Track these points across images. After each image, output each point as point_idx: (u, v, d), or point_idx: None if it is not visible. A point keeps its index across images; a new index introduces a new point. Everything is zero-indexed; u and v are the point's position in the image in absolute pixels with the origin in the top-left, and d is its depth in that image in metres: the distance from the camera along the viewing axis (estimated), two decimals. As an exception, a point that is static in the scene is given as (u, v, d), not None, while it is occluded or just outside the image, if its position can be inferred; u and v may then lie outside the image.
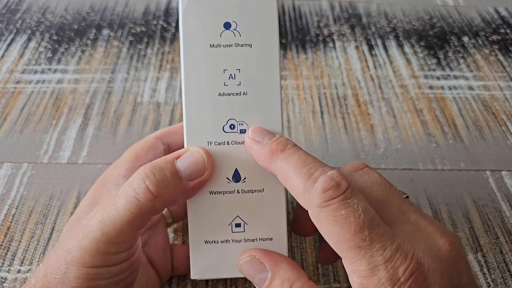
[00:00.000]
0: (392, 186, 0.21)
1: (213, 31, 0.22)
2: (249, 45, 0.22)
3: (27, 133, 0.38)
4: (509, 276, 0.30)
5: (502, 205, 0.35)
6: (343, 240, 0.18)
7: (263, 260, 0.21)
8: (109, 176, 0.25)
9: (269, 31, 0.22)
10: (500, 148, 0.39)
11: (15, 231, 0.31)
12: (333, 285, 0.29)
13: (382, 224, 0.18)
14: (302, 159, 0.20)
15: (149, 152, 0.27)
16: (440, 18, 0.55)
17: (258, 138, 0.21)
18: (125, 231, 0.20)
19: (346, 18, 0.54)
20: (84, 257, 0.20)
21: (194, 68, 0.22)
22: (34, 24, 0.50)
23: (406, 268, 0.17)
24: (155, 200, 0.20)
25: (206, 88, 0.22)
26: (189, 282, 0.29)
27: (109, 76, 0.44)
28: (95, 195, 0.25)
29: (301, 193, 0.19)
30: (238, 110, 0.22)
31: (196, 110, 0.22)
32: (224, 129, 0.22)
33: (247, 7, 0.22)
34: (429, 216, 0.21)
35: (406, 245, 0.18)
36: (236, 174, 0.22)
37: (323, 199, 0.18)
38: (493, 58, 0.49)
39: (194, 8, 0.22)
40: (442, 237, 0.19)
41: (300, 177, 0.19)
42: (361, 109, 0.42)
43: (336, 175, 0.19)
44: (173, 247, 0.29)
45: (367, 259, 0.18)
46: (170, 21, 0.51)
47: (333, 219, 0.18)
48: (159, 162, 0.21)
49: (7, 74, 0.43)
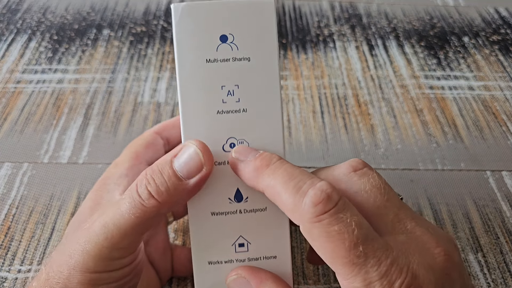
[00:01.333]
0: (391, 190, 0.21)
1: (209, 45, 0.21)
2: (247, 59, 0.21)
3: (28, 133, 0.38)
4: (509, 276, 0.30)
5: (502, 205, 0.35)
6: (337, 257, 0.17)
7: (248, 278, 0.21)
8: (109, 176, 0.25)
9: (268, 43, 0.21)
10: (500, 148, 0.39)
11: (16, 231, 0.31)
12: (333, 285, 0.29)
13: (376, 237, 0.18)
14: (289, 173, 0.19)
15: (148, 148, 0.26)
16: (440, 18, 0.55)
17: (241, 157, 0.20)
18: (129, 235, 0.20)
19: (347, 18, 0.54)
20: (87, 262, 0.20)
21: (191, 85, 0.21)
22: (35, 24, 0.50)
23: (402, 282, 0.17)
24: (160, 205, 0.20)
25: (204, 106, 0.21)
26: (189, 283, 0.29)
27: (110, 76, 0.44)
28: (96, 196, 0.24)
29: (290, 209, 0.18)
30: (238, 128, 0.21)
31: (195, 130, 0.21)
32: (224, 148, 0.21)
33: (244, 18, 0.21)
34: (427, 222, 0.20)
35: (401, 258, 0.18)
36: (238, 194, 0.22)
37: (314, 213, 0.17)
38: (493, 58, 0.49)
39: (188, 20, 0.21)
40: (437, 246, 0.19)
41: (288, 192, 0.18)
42: (362, 109, 0.42)
43: (325, 186, 0.18)
44: (174, 248, 0.28)
45: (362, 275, 0.17)
46: (171, 21, 0.51)
47: (326, 235, 0.17)
48: (157, 164, 0.20)
49: (8, 74, 0.43)
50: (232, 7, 0.21)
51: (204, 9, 0.21)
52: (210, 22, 0.21)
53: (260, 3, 0.21)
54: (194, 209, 0.21)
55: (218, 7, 0.21)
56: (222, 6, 0.21)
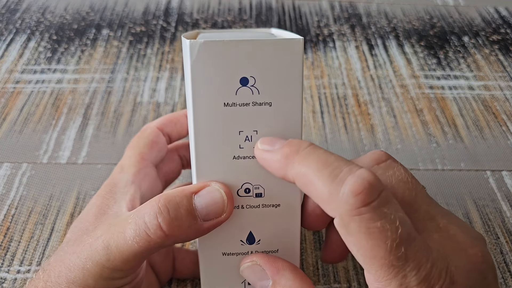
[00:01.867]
0: (418, 184, 0.19)
1: (228, 88, 0.19)
2: (269, 104, 0.19)
3: (27, 133, 0.38)
4: (509, 277, 0.30)
5: (502, 205, 0.35)
6: (375, 257, 0.15)
7: (264, 267, 0.20)
8: (116, 182, 0.24)
9: (293, 86, 0.19)
10: (500, 148, 0.39)
11: (15, 232, 0.31)
12: (333, 286, 0.29)
13: (417, 237, 0.16)
14: (323, 159, 0.17)
15: (153, 148, 0.26)
16: (440, 18, 0.54)
17: (268, 147, 0.19)
18: (131, 261, 0.19)
19: (346, 18, 0.54)
20: (87, 280, 0.19)
21: (206, 129, 0.19)
22: (34, 24, 0.49)
23: (440, 287, 0.16)
24: (166, 238, 0.19)
25: (220, 151, 0.20)
26: (188, 283, 0.29)
27: (109, 76, 0.44)
28: (102, 204, 0.23)
29: (326, 200, 0.16)
30: (254, 173, 0.20)
31: (209, 174, 0.20)
32: (238, 193, 0.20)
33: (268, 59, 0.19)
34: (457, 219, 0.19)
35: (440, 260, 0.16)
36: (250, 237, 0.21)
37: (354, 205, 0.15)
38: (493, 58, 0.49)
39: (206, 59, 0.18)
40: (472, 246, 0.17)
41: (323, 180, 0.16)
42: (361, 109, 0.42)
43: (367, 174, 0.16)
44: (177, 252, 0.28)
45: (399, 279, 0.15)
46: (170, 21, 0.51)
47: (365, 232, 0.15)
48: (175, 196, 0.19)
49: (7, 74, 0.43)
50: (255, 46, 0.19)
51: (224, 48, 0.18)
52: (231, 62, 0.19)
53: (287, 42, 0.19)
54: (205, 248, 0.21)
55: (240, 46, 0.18)
56: (244, 44, 0.18)
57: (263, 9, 0.54)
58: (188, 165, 0.29)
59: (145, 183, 0.25)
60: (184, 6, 0.54)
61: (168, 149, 0.28)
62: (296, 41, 0.19)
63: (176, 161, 0.28)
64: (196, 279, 0.29)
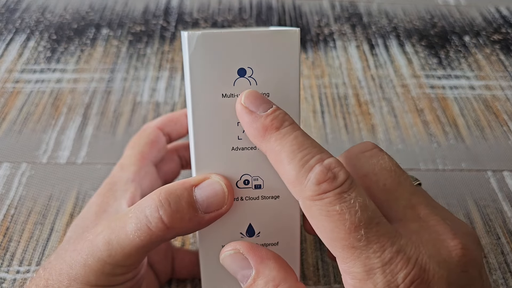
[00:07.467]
0: (403, 173, 0.19)
1: (225, 79, 0.19)
2: (266, 94, 0.19)
3: (26, 133, 0.38)
4: (510, 277, 0.30)
5: (503, 205, 0.35)
6: (336, 239, 0.16)
7: (247, 255, 0.19)
8: (116, 181, 0.24)
9: (290, 77, 0.19)
10: (501, 148, 0.39)
11: (14, 232, 0.31)
12: (334, 286, 0.29)
13: (383, 222, 0.17)
14: (299, 142, 0.17)
15: (153, 147, 0.26)
16: (441, 17, 0.54)
17: (251, 107, 0.18)
18: (133, 256, 0.19)
19: (347, 17, 0.53)
20: (88, 276, 0.19)
21: (205, 121, 0.19)
22: (33, 24, 0.49)
23: (407, 274, 0.16)
24: (168, 231, 0.19)
25: (218, 142, 0.20)
26: (188, 284, 0.29)
27: (109, 76, 0.44)
28: (102, 202, 0.24)
29: (292, 182, 0.17)
30: (252, 165, 0.20)
31: (208, 166, 0.20)
32: (237, 184, 0.20)
33: (265, 50, 0.19)
34: (443, 210, 0.19)
35: (410, 247, 0.16)
36: (250, 229, 0.21)
37: (316, 191, 0.16)
38: (494, 58, 0.49)
39: (204, 51, 0.19)
40: (454, 238, 0.17)
41: (293, 163, 0.17)
42: (362, 109, 0.42)
43: (334, 164, 0.17)
44: (176, 251, 0.28)
45: (362, 260, 0.16)
46: (170, 20, 0.51)
47: (325, 215, 0.16)
48: (176, 189, 0.19)
49: (6, 74, 0.43)
50: (253, 37, 0.19)
51: (222, 39, 0.19)
52: (228, 53, 0.19)
53: (283, 33, 0.19)
54: (205, 241, 0.21)
55: (237, 37, 0.19)
56: (241, 36, 0.19)
57: (263, 8, 0.54)
58: (187, 166, 0.29)
59: (146, 182, 0.25)
60: (184, 5, 0.54)
61: (168, 149, 0.28)
62: (292, 32, 0.19)
63: (175, 161, 0.28)
64: (196, 279, 0.29)
